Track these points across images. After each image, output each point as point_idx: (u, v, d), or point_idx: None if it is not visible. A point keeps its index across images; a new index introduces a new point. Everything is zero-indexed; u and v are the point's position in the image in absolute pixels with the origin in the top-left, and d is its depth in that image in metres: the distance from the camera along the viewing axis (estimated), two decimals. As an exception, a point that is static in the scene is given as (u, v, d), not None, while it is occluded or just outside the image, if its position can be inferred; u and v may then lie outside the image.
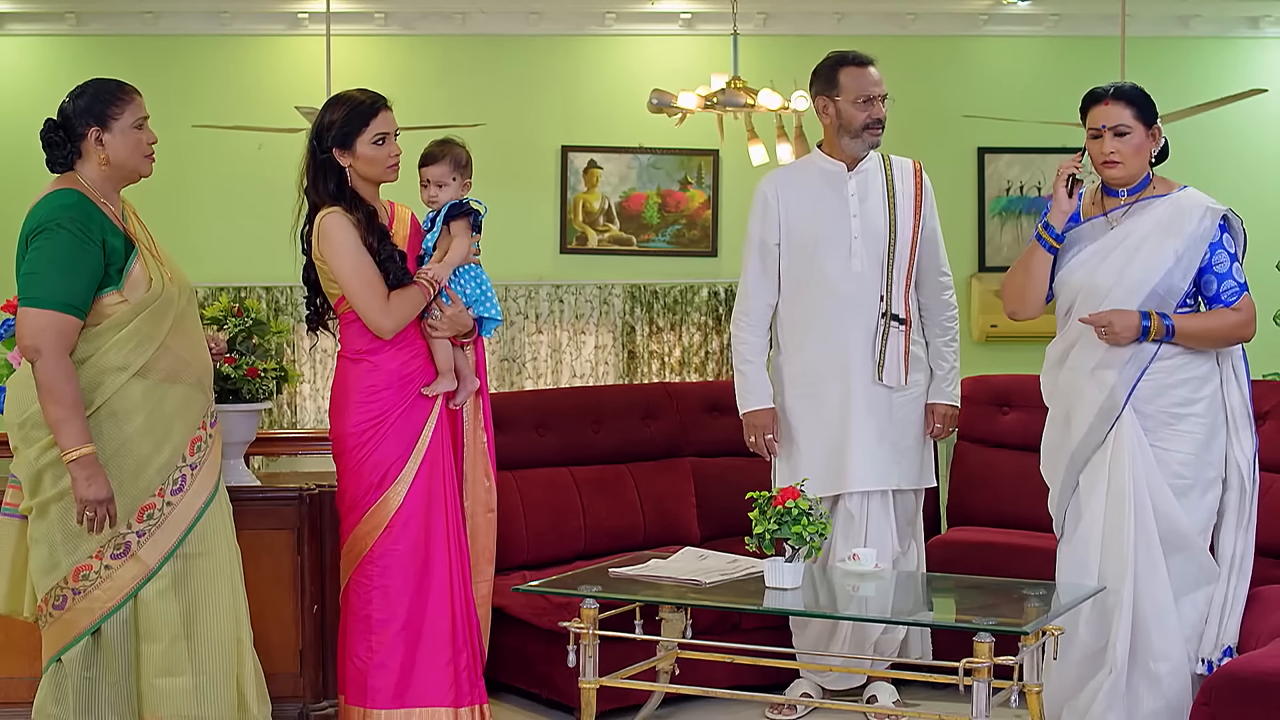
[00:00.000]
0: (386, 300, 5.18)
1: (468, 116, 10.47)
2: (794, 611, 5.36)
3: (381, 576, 5.25)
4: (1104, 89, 5.18)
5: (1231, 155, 11.64)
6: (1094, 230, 5.23)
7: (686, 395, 7.17)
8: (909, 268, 5.89)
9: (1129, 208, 5.20)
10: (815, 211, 5.92)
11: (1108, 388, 5.10)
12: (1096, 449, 5.14)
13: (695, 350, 12.42)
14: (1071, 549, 5.23)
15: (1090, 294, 5.16)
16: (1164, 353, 5.09)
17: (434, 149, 5.42)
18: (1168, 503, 5.06)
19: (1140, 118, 5.15)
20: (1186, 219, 5.11)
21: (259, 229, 11.43)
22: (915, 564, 5.98)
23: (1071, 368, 5.24)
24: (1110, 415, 5.10)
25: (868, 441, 5.84)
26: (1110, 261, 5.15)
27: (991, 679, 4.71)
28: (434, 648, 5.27)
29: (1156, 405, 5.09)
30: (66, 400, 4.55)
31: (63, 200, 4.66)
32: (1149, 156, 5.22)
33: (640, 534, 6.68)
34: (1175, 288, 5.10)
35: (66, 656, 4.71)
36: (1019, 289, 5.33)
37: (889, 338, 5.83)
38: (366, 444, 5.25)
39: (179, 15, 11.98)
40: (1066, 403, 5.25)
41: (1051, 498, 5.36)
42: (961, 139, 12.25)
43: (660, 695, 5.79)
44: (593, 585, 5.33)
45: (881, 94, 5.92)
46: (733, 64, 10.31)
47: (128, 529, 4.70)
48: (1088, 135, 5.22)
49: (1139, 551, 5.03)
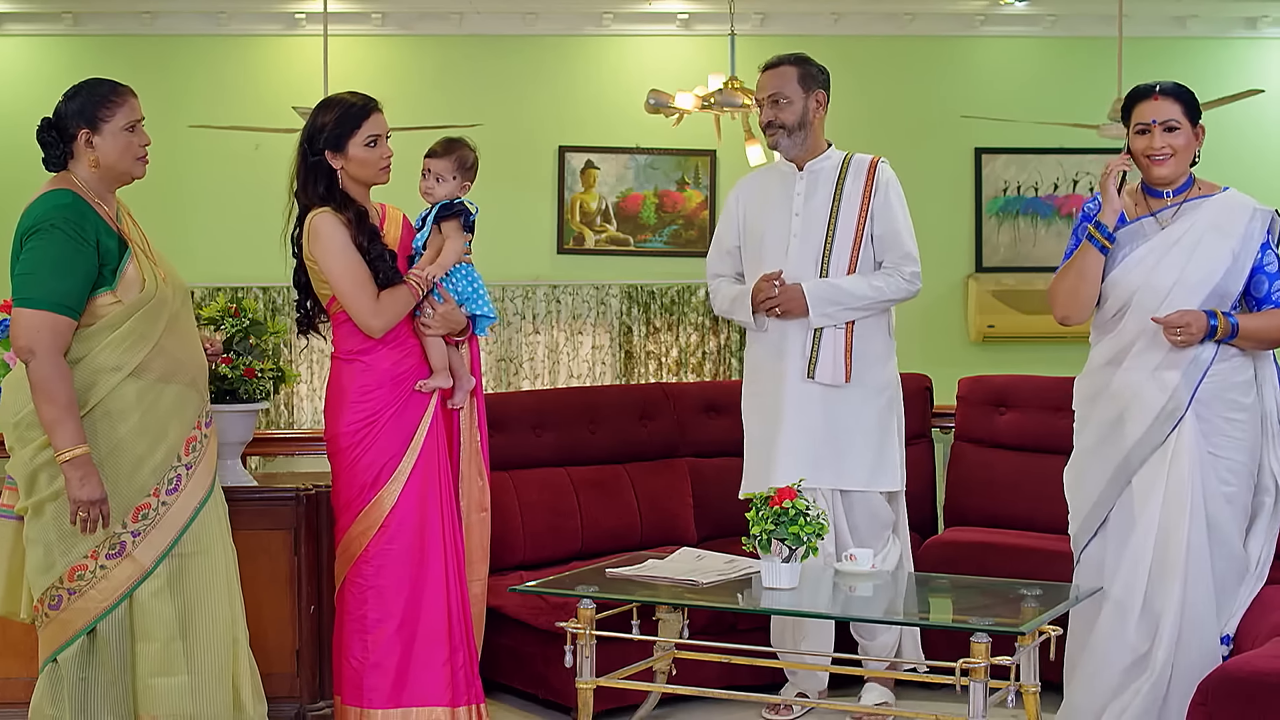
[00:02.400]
0: (376, 300, 5.19)
1: (465, 117, 10.49)
2: (790, 612, 5.35)
3: (376, 576, 5.26)
4: (1150, 85, 5.12)
5: (1229, 156, 11.59)
6: (1144, 230, 5.14)
7: (683, 395, 7.18)
8: (850, 265, 5.83)
9: (1178, 208, 5.13)
10: (764, 212, 5.99)
11: (1170, 389, 5.01)
12: (1155, 450, 5.04)
13: (692, 350, 12.43)
14: (1125, 551, 5.10)
15: (1149, 293, 5.07)
16: (1222, 354, 5.03)
17: (443, 143, 5.44)
18: (1219, 509, 5.01)
19: (1188, 115, 5.10)
20: (1237, 219, 5.07)
21: (255, 229, 11.41)
22: (898, 565, 5.93)
23: (1129, 369, 5.10)
24: (1173, 417, 5.01)
25: (796, 439, 5.81)
26: (1169, 260, 5.06)
27: (988, 679, 4.72)
28: (430, 647, 5.27)
29: (1213, 409, 5.02)
30: (61, 400, 4.56)
31: (57, 200, 4.66)
32: (1193, 156, 5.16)
33: (637, 534, 6.68)
34: (1232, 288, 5.05)
35: (62, 656, 4.71)
36: (1071, 292, 5.20)
37: (823, 335, 5.80)
38: (360, 444, 5.26)
39: (176, 15, 12.01)
40: (1120, 405, 5.11)
41: (1083, 502, 5.23)
42: (958, 139, 12.27)
43: (657, 695, 5.78)
44: (590, 585, 5.32)
45: (766, 96, 5.92)
46: (730, 64, 10.35)
47: (123, 529, 4.70)
48: (1133, 132, 5.12)
49: (1191, 556, 4.95)
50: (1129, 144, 5.17)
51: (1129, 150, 5.17)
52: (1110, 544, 5.16)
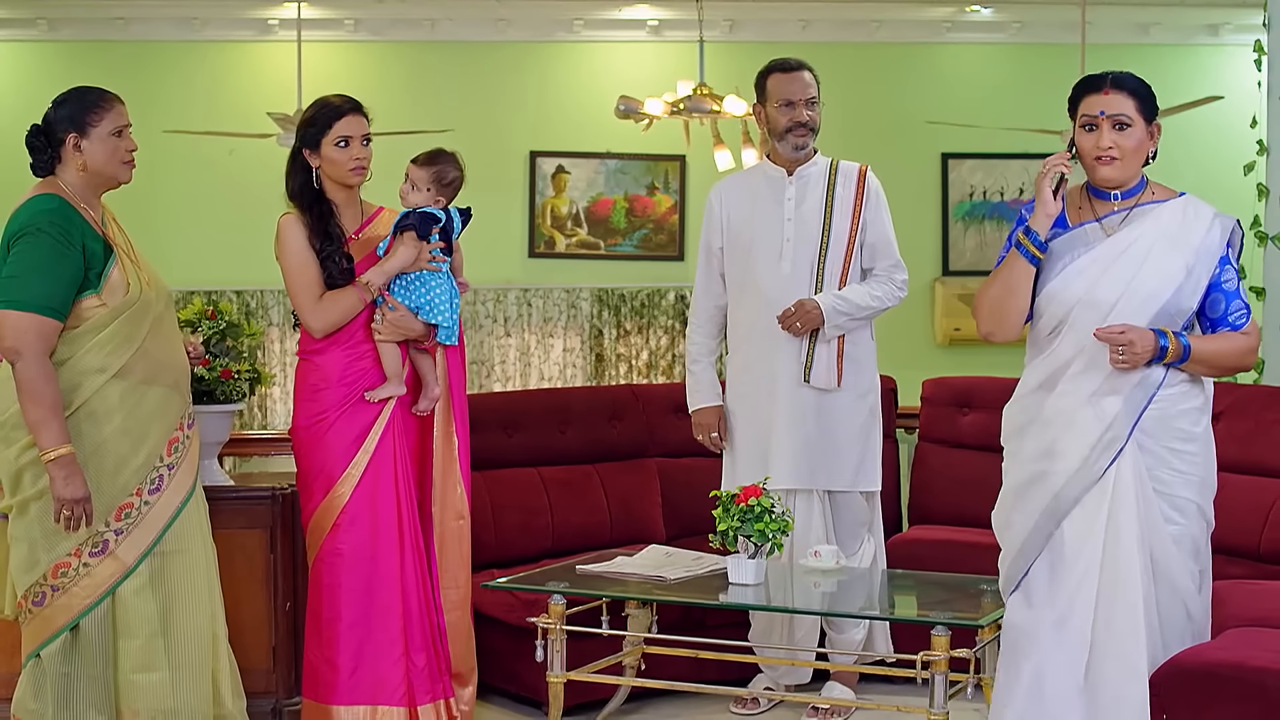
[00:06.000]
0: (318, 301, 5.26)
1: (437, 122, 10.56)
2: (754, 606, 5.44)
3: (329, 575, 5.29)
4: (1101, 76, 4.46)
5: (1190, 162, 11.71)
6: (1087, 237, 4.49)
7: (652, 397, 7.22)
8: (843, 271, 5.91)
9: (1127, 214, 4.48)
10: (752, 216, 5.99)
11: (1109, 417, 4.35)
12: (1091, 487, 4.36)
13: (662, 353, 12.51)
14: (1052, 604, 4.38)
15: (1090, 309, 4.40)
16: (1169, 379, 4.38)
17: (429, 154, 5.46)
18: (1166, 552, 4.36)
19: (1142, 111, 4.43)
20: (1194, 228, 4.43)
21: (230, 234, 11.56)
22: (872, 562, 6.06)
23: (1064, 394, 4.43)
24: (1112, 448, 4.35)
25: (791, 442, 5.87)
26: (1115, 272, 4.41)
27: (949, 672, 4.83)
28: (382, 646, 5.29)
29: (1158, 440, 4.37)
30: (46, 401, 4.62)
31: (44, 205, 4.73)
32: (1146, 157, 4.51)
33: (607, 533, 6.71)
34: (1185, 306, 4.41)
35: (45, 652, 4.77)
36: (996, 306, 4.56)
37: (818, 340, 5.88)
38: (310, 442, 5.32)
39: (150, 21, 12.04)
40: (1050, 434, 4.43)
41: (1011, 544, 4.50)
42: (925, 145, 12.37)
43: (626, 690, 5.86)
44: (560, 582, 5.41)
45: (806, 98, 5.91)
46: (699, 71, 10.43)
47: (106, 527, 4.77)
48: (1079, 127, 4.48)
49: (1133, 617, 4.29)
50: (1073, 140, 4.52)
51: (1073, 147, 4.52)
52: (1034, 601, 4.43)
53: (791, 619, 5.85)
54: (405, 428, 5.41)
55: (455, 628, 5.54)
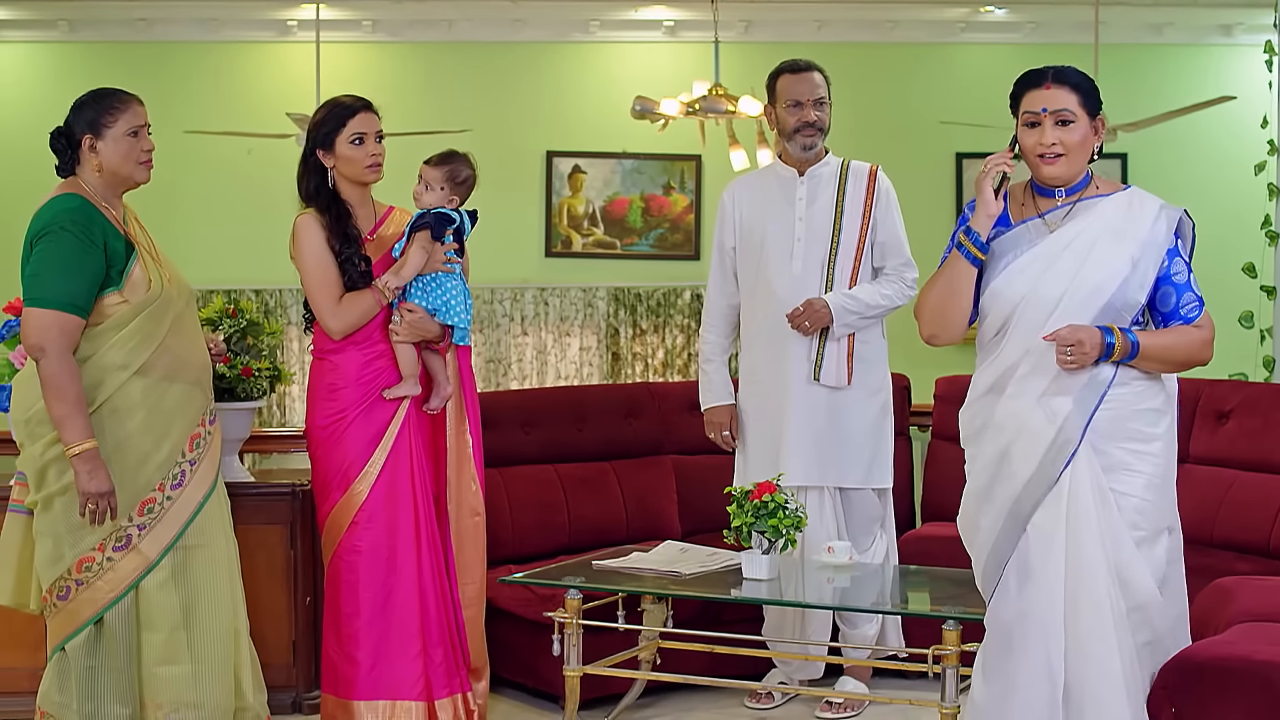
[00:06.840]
0: (338, 303, 5.30)
1: (454, 122, 10.61)
2: (768, 601, 5.47)
3: (348, 572, 5.33)
4: (1043, 70, 4.37)
5: (1203, 161, 11.76)
6: (1029, 234, 4.40)
7: (668, 395, 7.25)
8: (853, 271, 5.96)
9: (1070, 209, 4.39)
10: (764, 215, 6.04)
11: (1060, 418, 4.25)
12: (1048, 491, 4.27)
13: (678, 352, 12.53)
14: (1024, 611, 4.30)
15: (1034, 307, 4.31)
16: (1121, 377, 4.28)
17: (443, 154, 5.50)
18: (1129, 557, 4.25)
19: (1085, 106, 4.35)
20: (1139, 220, 4.33)
21: (249, 233, 11.61)
22: (884, 558, 6.10)
23: (1013, 395, 4.33)
24: (1064, 451, 4.25)
25: (802, 439, 5.92)
26: (1058, 268, 4.32)
27: (960, 666, 4.86)
28: (401, 642, 5.34)
29: (1113, 441, 4.27)
30: (69, 397, 4.68)
31: (66, 204, 4.79)
32: (1091, 153, 4.42)
33: (623, 529, 6.76)
34: (1132, 300, 4.30)
35: (70, 645, 4.83)
36: (938, 308, 4.45)
37: (828, 339, 5.92)
38: (327, 441, 5.36)
39: (170, 22, 12.08)
40: (1004, 439, 4.34)
41: (980, 554, 4.43)
42: (939, 144, 12.37)
43: (642, 684, 5.90)
44: (576, 577, 5.46)
45: (814, 98, 5.95)
46: (714, 71, 10.44)
47: (129, 522, 4.82)
48: (1021, 124, 4.39)
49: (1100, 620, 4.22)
50: (1016, 138, 4.43)
51: (1015, 145, 4.43)
52: (1011, 600, 4.36)
53: (805, 614, 5.89)
54: (420, 426, 5.46)
55: (472, 623, 5.59)
